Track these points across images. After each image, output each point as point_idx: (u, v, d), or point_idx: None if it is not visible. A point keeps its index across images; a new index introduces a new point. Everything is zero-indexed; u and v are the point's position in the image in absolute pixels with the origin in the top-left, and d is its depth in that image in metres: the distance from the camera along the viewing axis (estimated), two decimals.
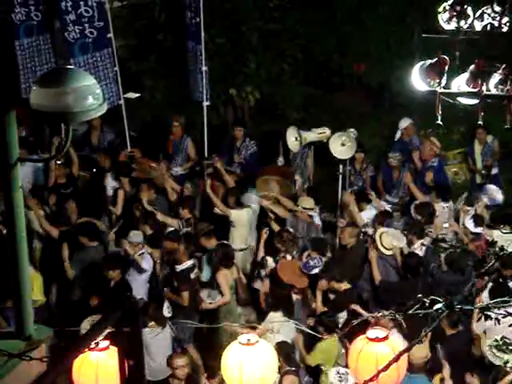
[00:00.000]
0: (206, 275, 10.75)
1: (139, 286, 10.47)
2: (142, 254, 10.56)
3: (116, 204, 11.96)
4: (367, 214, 11.45)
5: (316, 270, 10.22)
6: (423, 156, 12.61)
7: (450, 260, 9.98)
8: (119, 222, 11.64)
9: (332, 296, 10.03)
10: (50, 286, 11.09)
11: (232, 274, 10.40)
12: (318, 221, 11.56)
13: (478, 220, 10.82)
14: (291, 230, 10.91)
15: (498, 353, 8.25)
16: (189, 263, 10.36)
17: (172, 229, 11.14)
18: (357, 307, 9.68)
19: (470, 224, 10.88)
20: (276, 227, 11.14)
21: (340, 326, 9.36)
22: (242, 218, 11.38)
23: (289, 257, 10.45)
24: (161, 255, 10.82)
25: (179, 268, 10.33)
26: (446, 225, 11.01)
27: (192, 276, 10.39)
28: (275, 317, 9.44)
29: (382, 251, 10.33)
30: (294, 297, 10.01)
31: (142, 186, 11.74)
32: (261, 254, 10.69)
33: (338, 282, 9.91)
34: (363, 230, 10.67)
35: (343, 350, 9.37)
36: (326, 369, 8.99)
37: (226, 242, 10.74)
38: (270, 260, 10.48)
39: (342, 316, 9.74)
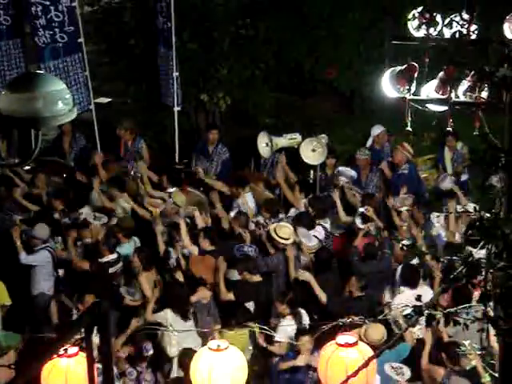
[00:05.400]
0: None
1: (41, 280, 10.44)
2: (40, 249, 10.46)
3: None
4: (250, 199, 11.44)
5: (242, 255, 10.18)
6: (395, 160, 12.60)
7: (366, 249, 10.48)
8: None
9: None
10: None
11: (152, 275, 10.18)
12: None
13: (364, 217, 11.10)
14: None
15: (404, 324, 8.34)
16: (111, 257, 10.28)
17: (84, 216, 10.99)
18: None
19: (357, 220, 11.06)
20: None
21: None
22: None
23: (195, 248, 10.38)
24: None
25: (102, 261, 10.26)
26: (362, 209, 11.13)
27: (111, 270, 10.25)
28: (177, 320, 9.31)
29: (280, 242, 10.25)
30: (208, 293, 9.79)
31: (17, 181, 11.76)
32: (162, 248, 10.52)
33: (250, 273, 9.89)
34: (254, 219, 10.57)
35: (250, 347, 9.38)
36: None
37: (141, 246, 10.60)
38: (172, 251, 10.41)
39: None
